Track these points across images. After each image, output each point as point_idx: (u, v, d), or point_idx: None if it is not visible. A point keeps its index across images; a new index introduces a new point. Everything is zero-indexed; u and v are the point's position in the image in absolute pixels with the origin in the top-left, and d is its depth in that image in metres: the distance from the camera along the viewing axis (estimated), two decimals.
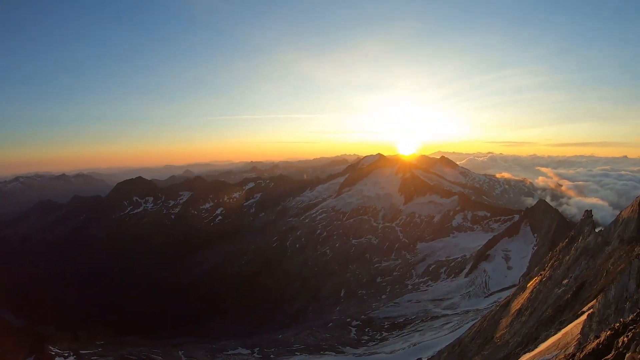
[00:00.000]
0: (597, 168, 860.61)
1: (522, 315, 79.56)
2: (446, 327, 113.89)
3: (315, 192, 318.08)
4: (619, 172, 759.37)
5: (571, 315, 55.44)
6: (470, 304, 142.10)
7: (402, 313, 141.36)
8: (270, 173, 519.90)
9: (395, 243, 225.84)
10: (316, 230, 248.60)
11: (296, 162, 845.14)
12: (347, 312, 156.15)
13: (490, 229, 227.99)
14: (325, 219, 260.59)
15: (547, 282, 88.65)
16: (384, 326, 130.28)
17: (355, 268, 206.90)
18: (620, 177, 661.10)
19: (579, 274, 77.42)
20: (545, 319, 63.48)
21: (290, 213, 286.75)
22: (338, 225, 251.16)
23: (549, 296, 78.37)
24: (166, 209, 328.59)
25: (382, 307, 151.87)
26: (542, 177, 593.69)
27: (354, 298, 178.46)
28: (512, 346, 59.14)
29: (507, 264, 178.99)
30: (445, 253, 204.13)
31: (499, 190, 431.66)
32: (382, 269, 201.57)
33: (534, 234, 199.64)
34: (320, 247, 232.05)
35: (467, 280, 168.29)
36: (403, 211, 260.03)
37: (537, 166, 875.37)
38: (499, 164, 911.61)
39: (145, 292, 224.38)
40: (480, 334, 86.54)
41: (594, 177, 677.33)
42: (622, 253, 64.61)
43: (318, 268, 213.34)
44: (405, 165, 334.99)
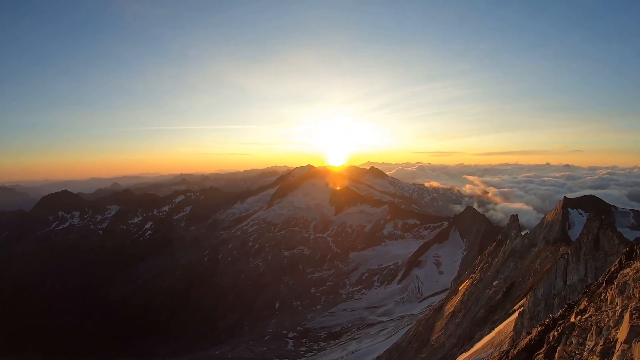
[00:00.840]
0: (521, 175, 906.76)
1: (456, 317, 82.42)
2: (382, 333, 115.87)
3: (246, 204, 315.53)
4: (542, 178, 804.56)
5: (503, 314, 58.17)
6: (405, 310, 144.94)
7: (338, 322, 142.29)
8: (200, 185, 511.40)
9: (328, 253, 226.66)
10: (248, 242, 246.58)
11: (227, 174, 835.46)
12: (283, 324, 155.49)
13: (421, 236, 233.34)
14: (256, 231, 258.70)
15: (478, 284, 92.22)
16: (321, 336, 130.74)
17: (289, 279, 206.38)
18: (544, 183, 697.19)
19: (508, 275, 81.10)
20: (478, 319, 66.16)
21: (221, 226, 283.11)
22: (270, 237, 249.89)
23: (481, 297, 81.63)
24: (93, 223, 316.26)
25: (318, 317, 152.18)
26: (469, 185, 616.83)
27: (289, 309, 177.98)
28: (449, 347, 61.37)
29: (439, 269, 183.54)
30: (377, 261, 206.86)
31: (428, 199, 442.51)
32: (315, 279, 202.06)
33: (463, 239, 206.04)
34: (252, 259, 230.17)
35: (400, 286, 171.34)
36: (334, 221, 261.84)
37: (464, 175, 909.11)
38: (428, 173, 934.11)
39: (74, 311, 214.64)
40: (417, 337, 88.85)
41: (518, 183, 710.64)
42: (548, 253, 68.42)
43: (251, 281, 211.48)
44: (335, 176, 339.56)
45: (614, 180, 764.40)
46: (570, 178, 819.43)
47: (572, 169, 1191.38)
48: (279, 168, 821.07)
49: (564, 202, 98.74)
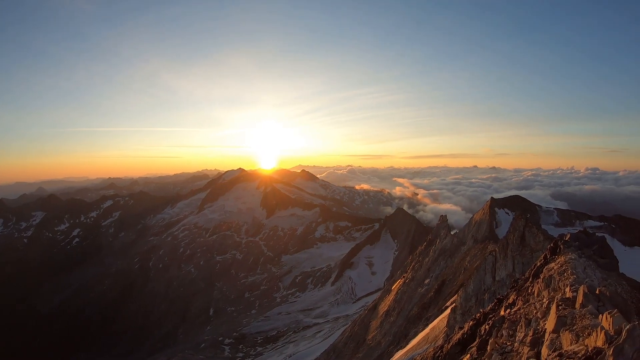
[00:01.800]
0: (450, 177, 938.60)
1: (391, 315, 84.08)
2: (319, 335, 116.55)
3: (176, 209, 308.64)
4: (470, 180, 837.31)
5: (436, 310, 59.96)
6: (340, 311, 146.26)
7: (274, 326, 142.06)
8: (129, 190, 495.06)
9: (260, 257, 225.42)
10: (179, 248, 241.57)
11: (156, 178, 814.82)
12: (218, 331, 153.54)
13: (352, 237, 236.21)
14: (187, 236, 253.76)
15: (411, 283, 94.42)
16: (258, 341, 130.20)
17: (222, 285, 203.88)
18: (471, 185, 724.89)
19: (439, 273, 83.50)
20: (412, 317, 67.84)
21: (151, 231, 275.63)
22: (201, 242, 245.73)
23: (414, 296, 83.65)
24: (18, 231, 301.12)
25: (253, 322, 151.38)
26: (399, 187, 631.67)
27: (224, 315, 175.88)
28: (385, 345, 62.62)
29: (371, 270, 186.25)
30: (310, 264, 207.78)
31: (359, 201, 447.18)
32: (249, 284, 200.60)
33: (394, 240, 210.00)
34: (184, 265, 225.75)
35: (333, 288, 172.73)
36: (266, 225, 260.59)
37: (395, 177, 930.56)
38: (358, 176, 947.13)
39: None
40: (353, 338, 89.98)
41: (447, 185, 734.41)
42: (477, 251, 71.00)
43: (184, 287, 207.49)
44: (266, 179, 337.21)
45: (538, 182, 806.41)
46: (497, 180, 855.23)
47: (498, 171, 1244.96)
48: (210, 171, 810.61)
49: (491, 202, 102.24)
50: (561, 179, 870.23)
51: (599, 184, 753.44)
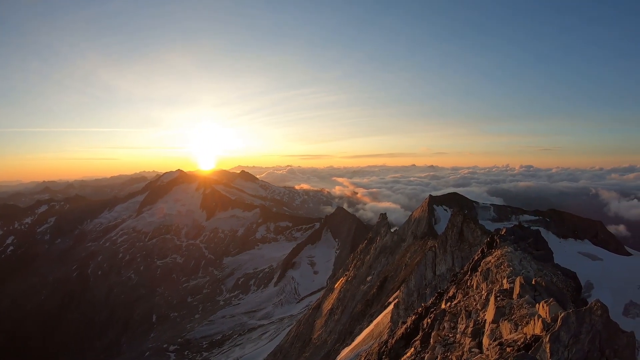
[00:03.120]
0: (389, 176, 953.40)
1: (335, 314, 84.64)
2: (264, 337, 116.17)
3: (114, 213, 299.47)
4: (409, 178, 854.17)
5: (379, 307, 60.78)
6: (284, 311, 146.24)
7: (219, 330, 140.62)
8: (64, 194, 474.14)
9: (201, 260, 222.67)
10: (118, 254, 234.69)
11: (93, 181, 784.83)
12: (162, 338, 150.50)
13: (294, 237, 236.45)
14: (126, 241, 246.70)
15: (353, 280, 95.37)
16: (203, 346, 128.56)
17: (164, 290, 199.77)
18: (410, 183, 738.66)
19: (381, 270, 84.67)
20: (356, 314, 68.52)
21: (89, 237, 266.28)
22: (141, 246, 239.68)
23: (357, 293, 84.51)
24: None
25: (198, 327, 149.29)
26: (338, 187, 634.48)
27: (167, 321, 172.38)
28: (331, 343, 62.98)
29: (313, 269, 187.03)
30: (252, 265, 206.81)
31: (299, 201, 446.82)
32: (191, 288, 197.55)
33: (335, 238, 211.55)
34: (124, 271, 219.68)
35: (277, 289, 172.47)
36: (206, 227, 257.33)
37: (334, 177, 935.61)
38: (298, 176, 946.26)
39: None
40: (299, 337, 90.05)
41: (386, 184, 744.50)
42: (417, 247, 72.44)
43: (125, 294, 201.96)
44: (205, 180, 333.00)
45: (475, 179, 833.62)
46: (435, 178, 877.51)
47: (436, 169, 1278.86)
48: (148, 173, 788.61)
49: (430, 200, 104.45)
50: (497, 177, 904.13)
51: (533, 181, 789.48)
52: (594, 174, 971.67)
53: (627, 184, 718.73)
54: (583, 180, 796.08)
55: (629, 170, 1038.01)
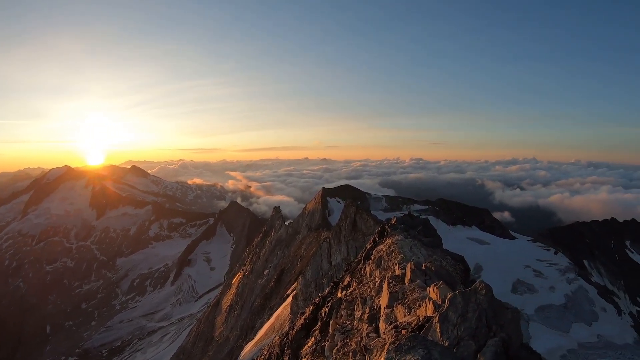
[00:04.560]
0: (282, 169, 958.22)
1: (234, 310, 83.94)
2: (165, 339, 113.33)
3: None
4: (302, 171, 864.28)
5: (278, 299, 61.01)
6: (183, 311, 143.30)
7: (118, 336, 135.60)
8: None
9: (94, 262, 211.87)
10: (4, 260, 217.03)
11: None
12: (59, 350, 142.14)
13: (188, 234, 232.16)
14: (12, 246, 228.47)
15: (250, 275, 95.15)
16: (103, 354, 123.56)
17: (56, 297, 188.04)
18: (303, 176, 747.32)
19: (278, 263, 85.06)
20: (256, 309, 68.35)
21: None
22: (28, 251, 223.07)
23: (255, 287, 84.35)
24: None
25: (95, 335, 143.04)
26: (232, 181, 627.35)
27: (62, 331, 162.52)
28: (233, 340, 62.35)
29: (210, 265, 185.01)
30: (147, 265, 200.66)
31: (192, 196, 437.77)
32: (84, 293, 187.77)
33: (230, 233, 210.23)
34: (11, 279, 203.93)
35: (174, 288, 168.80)
36: (97, 227, 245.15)
37: (227, 171, 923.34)
38: (190, 170, 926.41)
39: None
40: (200, 337, 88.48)
41: (279, 177, 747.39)
42: (312, 239, 73.39)
43: (14, 305, 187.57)
44: (94, 176, 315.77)
45: (366, 171, 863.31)
46: (327, 170, 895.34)
47: (328, 162, 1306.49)
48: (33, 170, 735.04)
49: (323, 192, 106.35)
50: (388, 169, 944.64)
51: (423, 173, 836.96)
52: (480, 166, 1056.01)
53: (510, 175, 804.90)
54: (470, 172, 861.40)
55: (512, 162, 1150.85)
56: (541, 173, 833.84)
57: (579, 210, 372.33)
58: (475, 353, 8.74)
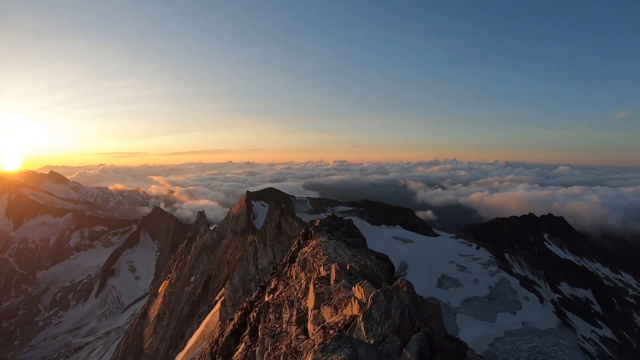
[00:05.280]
0: (205, 173, 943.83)
1: (162, 319, 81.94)
2: (93, 355, 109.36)
3: None
4: (226, 175, 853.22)
5: (207, 307, 60.11)
6: (110, 324, 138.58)
7: (43, 355, 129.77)
8: None
9: (12, 277, 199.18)
10: None
11: None
12: None
13: (110, 242, 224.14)
14: None
15: (177, 283, 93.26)
16: None
17: None
18: (227, 180, 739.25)
19: (204, 269, 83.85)
20: (185, 317, 67.04)
21: None
22: None
23: (182, 295, 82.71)
24: None
25: (19, 355, 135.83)
26: (154, 186, 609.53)
27: None
28: (164, 351, 60.88)
29: (135, 275, 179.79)
30: (69, 277, 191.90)
31: (114, 202, 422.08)
32: (4, 310, 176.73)
33: (154, 240, 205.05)
34: None
35: (98, 300, 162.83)
36: (14, 238, 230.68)
37: (150, 175, 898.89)
38: (112, 175, 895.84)
39: None
40: (129, 350, 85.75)
41: (203, 181, 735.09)
42: (238, 243, 72.82)
43: None
44: (10, 183, 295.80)
45: (290, 174, 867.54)
46: (251, 174, 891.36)
47: (252, 165, 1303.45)
48: None
49: (247, 196, 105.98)
50: (312, 171, 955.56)
51: (347, 174, 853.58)
52: (402, 167, 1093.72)
53: (431, 175, 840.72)
54: (392, 173, 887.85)
55: (434, 163, 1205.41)
56: (461, 173, 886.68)
57: (498, 207, 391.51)
58: (400, 348, 8.94)
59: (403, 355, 8.79)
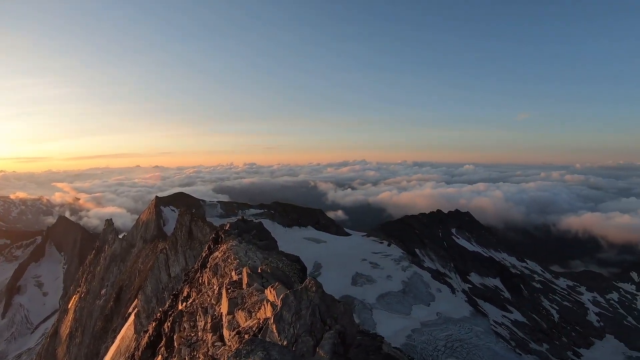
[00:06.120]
0: (112, 178, 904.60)
1: (75, 337, 78.20)
2: None
3: None
4: (133, 180, 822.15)
5: (121, 320, 57.93)
6: (19, 346, 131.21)
7: None
8: None
9: None
10: None
11: None
12: None
13: (14, 257, 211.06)
14: None
15: (87, 297, 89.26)
16: None
17: None
18: (135, 185, 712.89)
19: (115, 280, 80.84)
20: (98, 333, 64.31)
21: None
22: None
23: (94, 310, 79.29)
24: None
25: None
26: (59, 193, 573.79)
27: None
28: None
29: (42, 290, 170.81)
30: None
31: (16, 213, 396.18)
32: None
33: (61, 252, 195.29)
34: None
35: (5, 321, 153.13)
36: None
37: (54, 182, 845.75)
38: (13, 183, 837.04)
39: None
40: None
41: (110, 187, 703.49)
42: (148, 251, 70.69)
43: None
44: None
45: (200, 178, 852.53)
46: (160, 178, 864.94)
47: (161, 169, 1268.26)
48: None
49: (156, 201, 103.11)
50: (222, 174, 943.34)
51: (257, 177, 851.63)
52: (312, 169, 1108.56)
53: (341, 176, 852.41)
54: (302, 175, 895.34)
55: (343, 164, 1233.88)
56: (370, 173, 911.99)
57: (406, 205, 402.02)
58: (314, 348, 9.05)
59: (317, 354, 8.90)
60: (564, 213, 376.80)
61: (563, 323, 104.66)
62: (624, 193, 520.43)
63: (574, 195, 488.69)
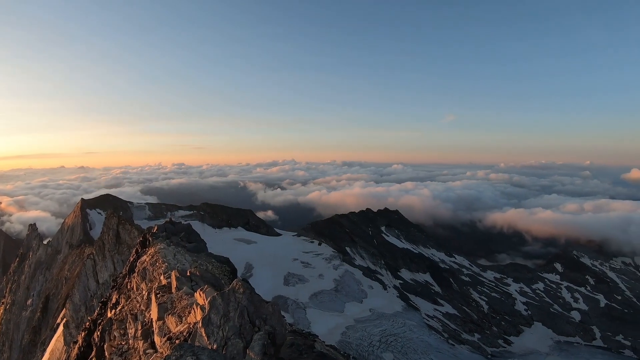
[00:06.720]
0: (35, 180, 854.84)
1: (2, 352, 74.51)
2: None
3: None
4: (58, 181, 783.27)
5: (49, 331, 55.40)
6: None
7: None
8: None
9: None
10: None
11: None
12: None
13: None
14: None
15: (13, 308, 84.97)
16: None
17: None
18: (59, 187, 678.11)
19: (41, 289, 77.25)
20: (27, 346, 61.30)
21: None
22: None
23: (20, 321, 75.56)
24: None
25: None
26: None
27: None
28: None
29: None
30: None
31: None
32: None
33: None
34: None
35: None
36: None
37: None
38: None
39: None
40: None
41: (33, 189, 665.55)
42: (75, 257, 67.95)
43: None
44: None
45: (127, 179, 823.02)
46: (86, 179, 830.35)
47: (87, 170, 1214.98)
48: None
49: (82, 204, 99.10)
50: (150, 175, 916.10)
51: (185, 177, 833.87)
52: (242, 169, 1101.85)
53: (271, 176, 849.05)
54: (232, 175, 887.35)
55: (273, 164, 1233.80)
56: (300, 173, 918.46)
57: (336, 205, 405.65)
58: (244, 350, 9.04)
59: (247, 356, 8.90)
60: (489, 209, 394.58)
61: (492, 313, 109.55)
62: (546, 190, 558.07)
63: (499, 193, 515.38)
